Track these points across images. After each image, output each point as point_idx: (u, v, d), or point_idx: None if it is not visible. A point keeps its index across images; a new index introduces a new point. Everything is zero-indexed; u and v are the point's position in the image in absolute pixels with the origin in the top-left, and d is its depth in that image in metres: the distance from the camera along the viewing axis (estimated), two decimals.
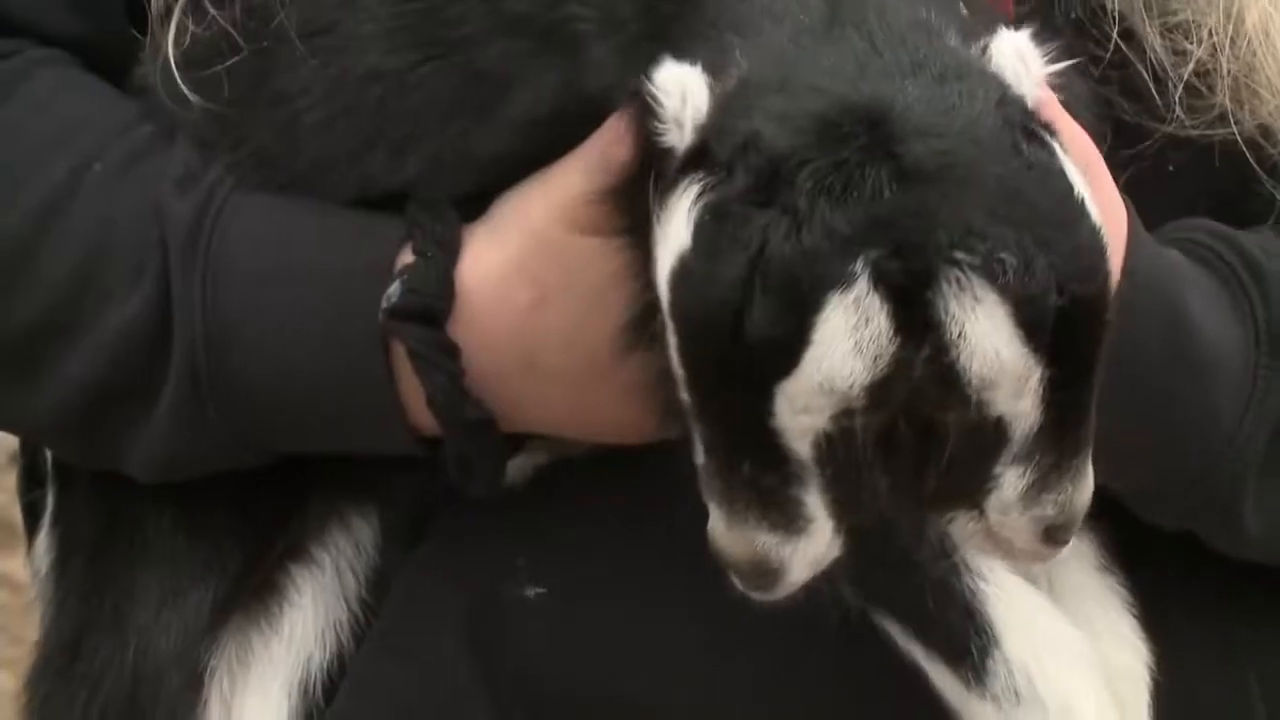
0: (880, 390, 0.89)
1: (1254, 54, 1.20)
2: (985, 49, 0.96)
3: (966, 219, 0.88)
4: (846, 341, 0.88)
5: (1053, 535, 0.96)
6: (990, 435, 0.92)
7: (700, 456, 0.96)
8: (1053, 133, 0.95)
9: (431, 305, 1.10)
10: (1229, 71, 1.20)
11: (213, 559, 1.20)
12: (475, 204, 1.13)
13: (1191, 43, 1.20)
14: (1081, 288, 0.91)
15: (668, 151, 0.95)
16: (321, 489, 1.22)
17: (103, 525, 1.23)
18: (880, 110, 0.91)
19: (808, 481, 0.93)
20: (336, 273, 1.12)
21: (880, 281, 0.88)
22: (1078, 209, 0.93)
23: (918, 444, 0.93)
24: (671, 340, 0.94)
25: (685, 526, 0.99)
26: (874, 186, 0.89)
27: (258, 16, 1.14)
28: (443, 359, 1.11)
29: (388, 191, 1.13)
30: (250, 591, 1.21)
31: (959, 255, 0.88)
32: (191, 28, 1.15)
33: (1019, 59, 0.96)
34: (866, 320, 0.88)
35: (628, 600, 1.18)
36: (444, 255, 1.10)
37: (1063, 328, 0.91)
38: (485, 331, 1.12)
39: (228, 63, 1.15)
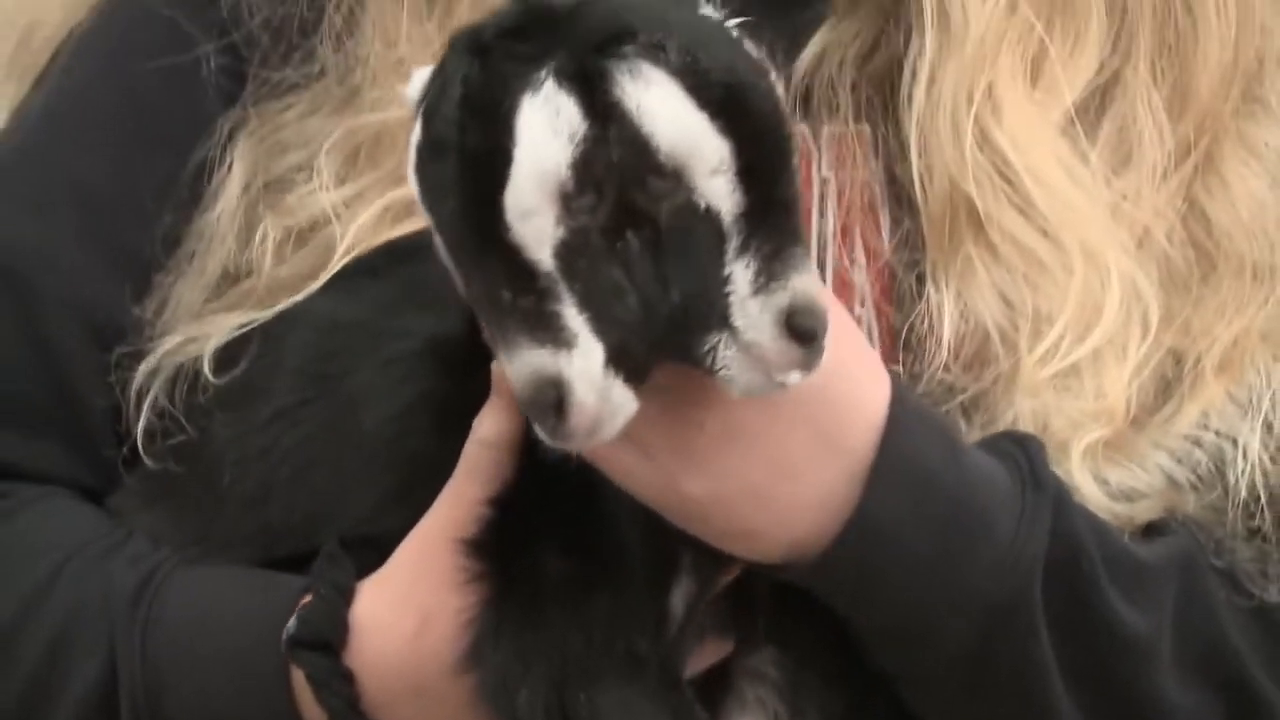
0: (587, 173, 1.00)
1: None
2: None
3: (625, 23, 1.01)
4: (545, 130, 0.99)
5: (798, 330, 1.02)
6: (705, 223, 1.01)
7: (477, 308, 1.05)
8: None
9: (325, 636, 1.19)
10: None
11: None
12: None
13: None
14: (749, 78, 1.02)
15: None
16: None
17: None
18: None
19: (561, 296, 1.01)
20: (248, 619, 1.22)
21: (562, 79, 1.00)
22: (737, 39, 1.05)
23: (647, 248, 1.01)
24: (429, 226, 1.05)
25: None
26: (547, 17, 1.02)
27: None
28: (338, 684, 1.18)
29: (291, 547, 1.24)
30: None
31: (625, 48, 1.01)
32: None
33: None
34: (557, 111, 0.99)
35: None
36: (337, 594, 1.19)
37: (741, 109, 1.02)
38: (375, 661, 1.18)
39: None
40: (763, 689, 1.23)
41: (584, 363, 1.02)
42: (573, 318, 1.02)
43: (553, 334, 1.02)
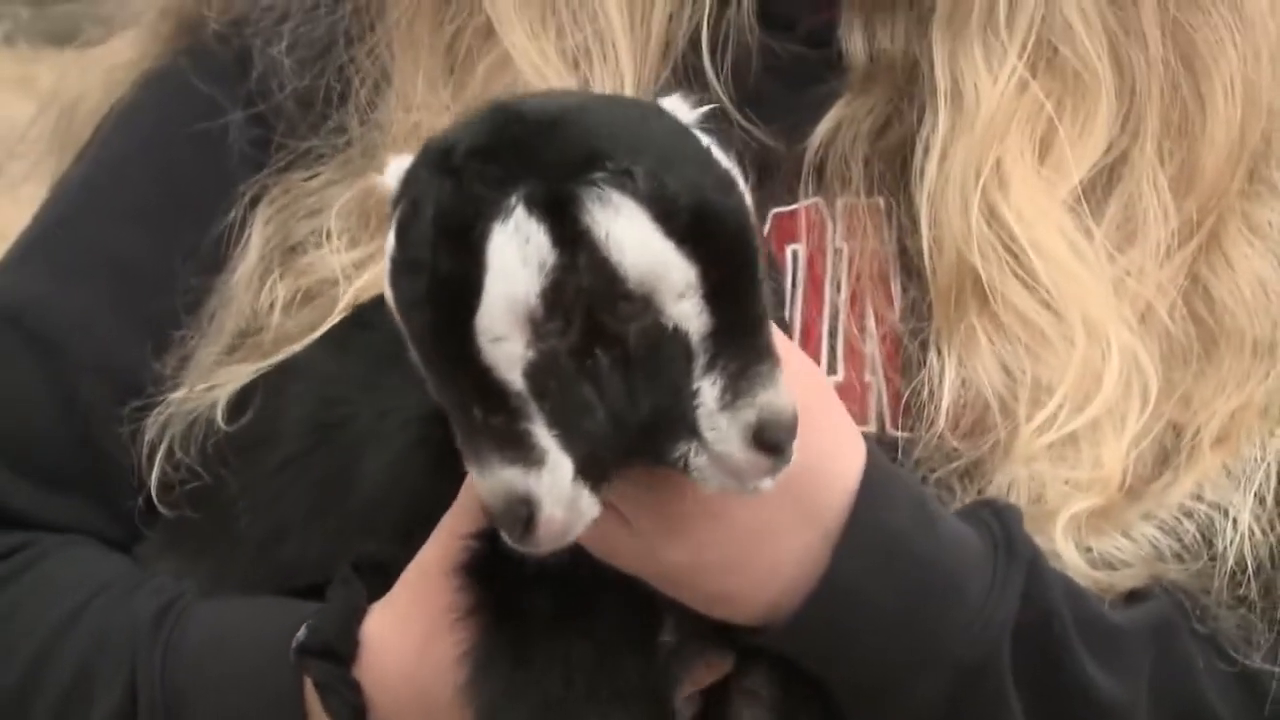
0: (557, 300, 1.03)
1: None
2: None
3: (595, 147, 1.04)
4: (515, 259, 1.02)
5: (765, 441, 1.06)
6: (672, 343, 1.04)
7: (449, 417, 1.08)
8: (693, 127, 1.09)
9: (333, 645, 1.23)
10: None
11: None
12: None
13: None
14: (715, 197, 1.05)
15: None
16: None
17: None
18: (538, 108, 1.07)
19: (532, 415, 1.05)
20: (264, 639, 1.27)
21: (533, 207, 1.03)
22: (706, 152, 1.08)
23: (616, 367, 1.04)
24: (403, 332, 1.08)
25: None
26: (518, 139, 1.04)
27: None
28: (345, 691, 1.23)
29: (307, 580, 1.29)
30: None
31: (594, 175, 1.03)
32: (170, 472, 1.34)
33: (678, 107, 1.12)
34: (527, 239, 1.02)
35: None
36: (348, 610, 1.24)
37: (707, 232, 1.04)
38: (382, 676, 1.24)
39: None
40: (759, 709, 1.26)
41: (553, 479, 1.06)
42: (543, 436, 1.06)
43: (523, 453, 1.06)
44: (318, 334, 1.33)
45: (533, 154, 1.04)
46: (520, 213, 1.03)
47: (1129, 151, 1.40)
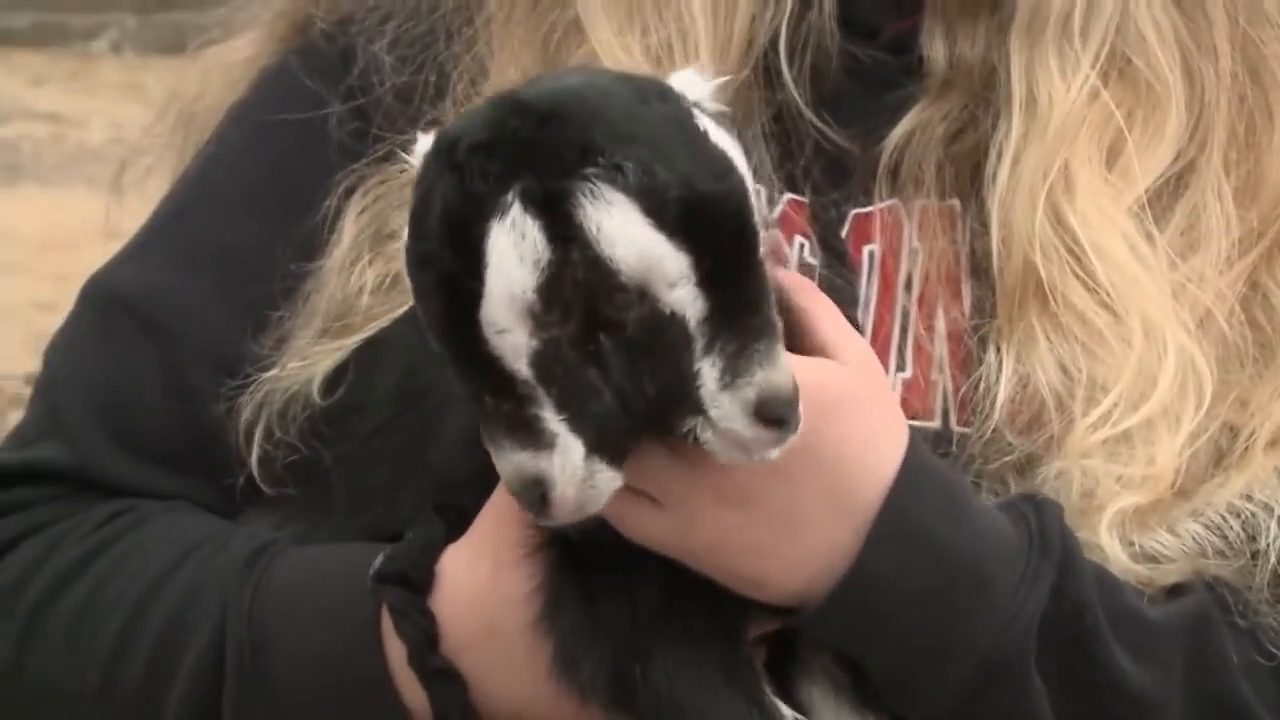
0: (555, 293, 1.08)
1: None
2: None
3: (590, 140, 1.08)
4: (512, 256, 1.07)
5: (767, 415, 1.11)
6: (670, 329, 1.09)
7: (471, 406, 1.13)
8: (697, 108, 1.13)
9: (408, 573, 1.29)
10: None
11: None
12: None
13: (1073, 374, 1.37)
14: (706, 185, 1.08)
15: None
16: None
17: None
18: (536, 99, 1.11)
19: (540, 401, 1.10)
20: (348, 577, 1.32)
21: (528, 203, 1.07)
22: (701, 136, 1.11)
23: (619, 352, 1.09)
24: (421, 319, 1.13)
25: None
26: (517, 133, 1.09)
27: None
28: (417, 616, 1.28)
29: (393, 533, 1.35)
30: None
31: (587, 170, 1.07)
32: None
33: (690, 85, 1.16)
34: (523, 236, 1.07)
35: None
36: (426, 543, 1.29)
37: (698, 221, 1.08)
38: (454, 604, 1.29)
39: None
40: (827, 659, 1.30)
41: (563, 459, 1.12)
42: (551, 419, 1.12)
43: (534, 436, 1.12)
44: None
45: (530, 149, 1.09)
46: (517, 210, 1.08)
47: (1196, 161, 1.44)
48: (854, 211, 1.44)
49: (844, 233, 1.44)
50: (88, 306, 1.48)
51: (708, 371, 1.11)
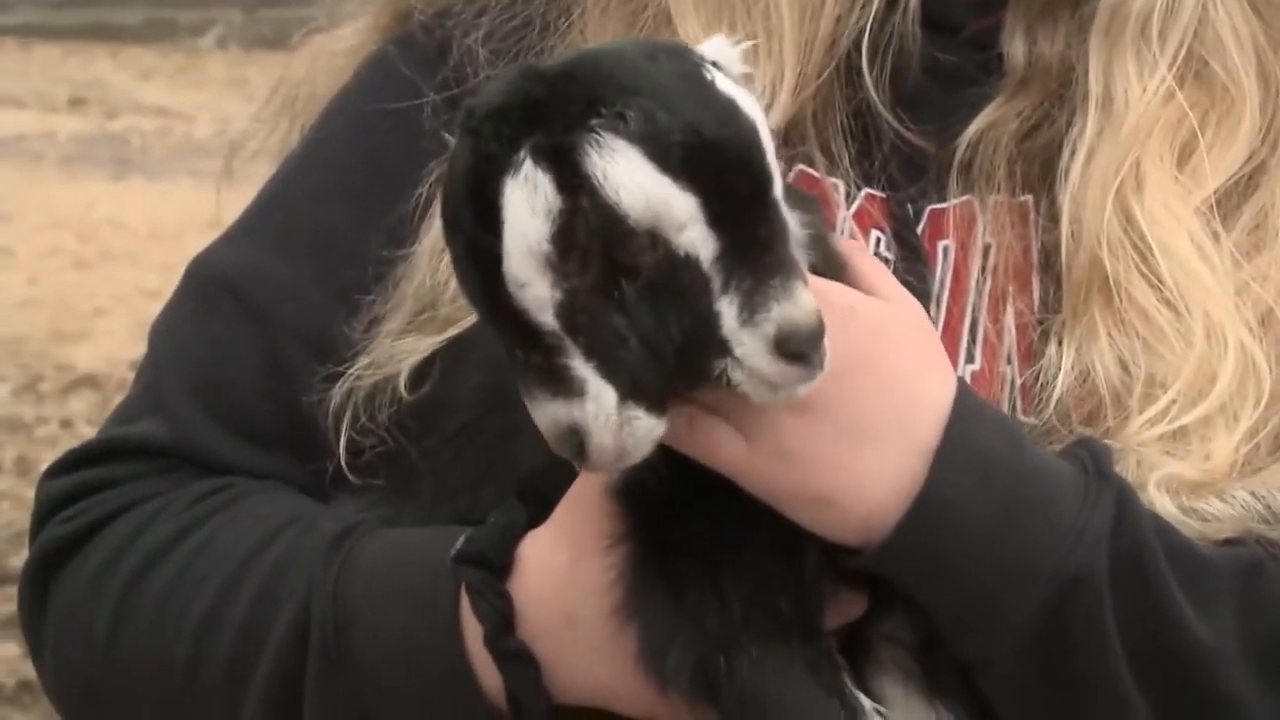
0: (570, 242, 1.10)
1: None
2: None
3: (596, 95, 1.11)
4: (526, 209, 1.10)
5: (789, 350, 1.13)
6: (685, 270, 1.11)
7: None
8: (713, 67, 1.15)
9: (487, 555, 1.30)
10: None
11: None
12: None
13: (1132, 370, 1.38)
14: (710, 129, 1.11)
15: None
16: None
17: None
18: (551, 65, 1.15)
19: (568, 350, 1.13)
20: (432, 559, 1.34)
21: (539, 158, 1.10)
22: (707, 86, 1.13)
23: (640, 297, 1.12)
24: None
25: None
26: (528, 95, 1.12)
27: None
28: (494, 598, 1.30)
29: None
30: None
31: (592, 122, 1.10)
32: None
33: (719, 50, 1.18)
34: (535, 188, 1.10)
35: None
36: (507, 527, 1.31)
37: (703, 164, 1.10)
38: (532, 589, 1.30)
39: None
40: (898, 651, 1.30)
41: (596, 407, 1.13)
42: (581, 368, 1.13)
43: (564, 385, 1.13)
44: None
45: (540, 108, 1.12)
46: (528, 165, 1.11)
47: (1267, 162, 1.45)
48: (930, 207, 1.45)
49: (920, 228, 1.45)
50: (190, 286, 1.50)
51: (726, 309, 1.13)
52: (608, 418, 1.13)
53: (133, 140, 12.01)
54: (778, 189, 1.15)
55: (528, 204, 1.11)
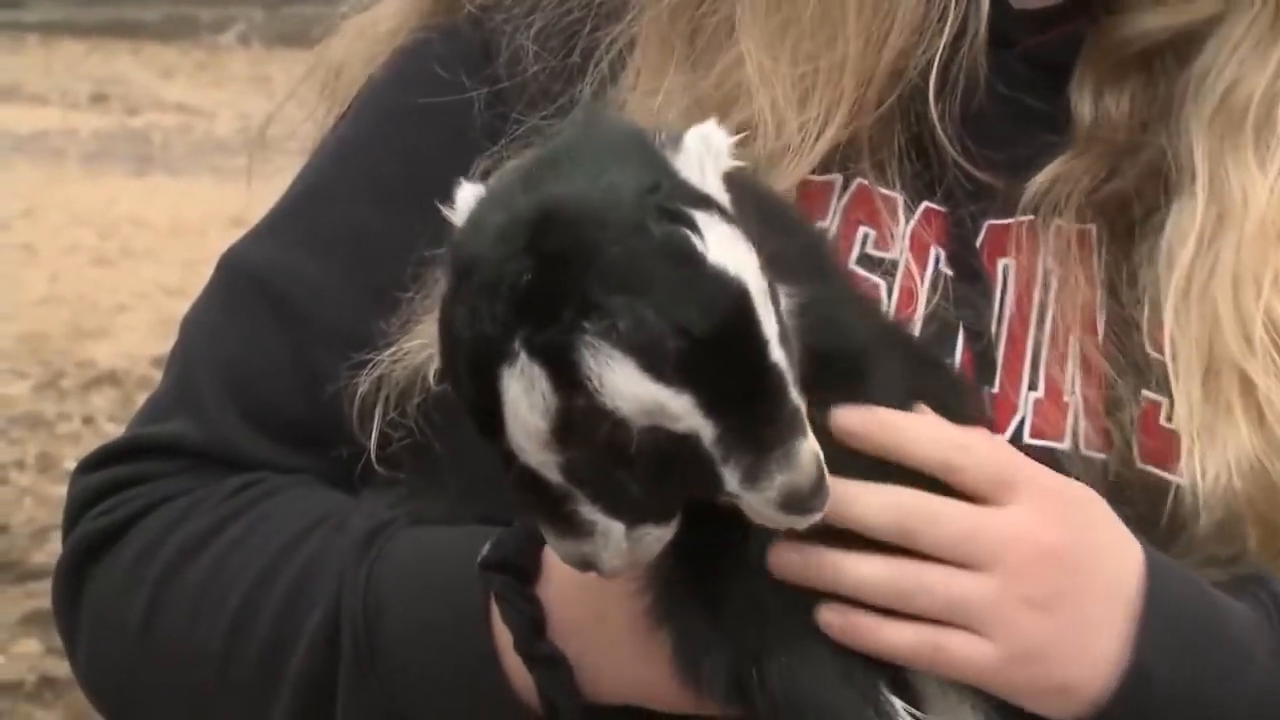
0: (569, 432, 1.11)
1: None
2: (677, 141, 1.17)
3: (586, 294, 1.10)
4: (523, 403, 1.10)
5: (790, 509, 1.14)
6: (685, 448, 1.12)
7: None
8: (700, 205, 1.14)
9: (513, 559, 1.30)
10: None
11: None
12: None
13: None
14: (702, 328, 1.10)
15: None
16: None
17: None
18: (541, 212, 1.13)
19: (575, 498, 1.14)
20: (462, 559, 1.33)
21: (533, 353, 1.10)
22: (692, 268, 1.12)
23: (642, 464, 1.12)
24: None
25: None
26: (519, 275, 1.11)
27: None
28: (522, 603, 1.29)
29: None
30: None
31: (585, 324, 1.09)
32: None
33: (705, 148, 1.16)
34: (532, 384, 1.10)
35: None
36: (531, 529, 1.28)
37: (696, 365, 1.10)
38: (561, 589, 1.28)
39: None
40: None
41: (605, 540, 1.15)
42: (589, 511, 1.14)
43: (574, 529, 1.15)
44: None
45: (532, 297, 1.11)
46: (524, 359, 1.10)
47: None
48: (989, 222, 1.43)
49: (978, 242, 1.43)
50: (222, 280, 1.49)
51: (729, 476, 1.14)
52: (617, 549, 1.15)
53: (154, 137, 12.05)
54: (774, 351, 1.13)
55: (525, 398, 1.11)
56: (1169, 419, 1.39)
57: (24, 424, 6.38)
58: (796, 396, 1.14)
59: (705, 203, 1.14)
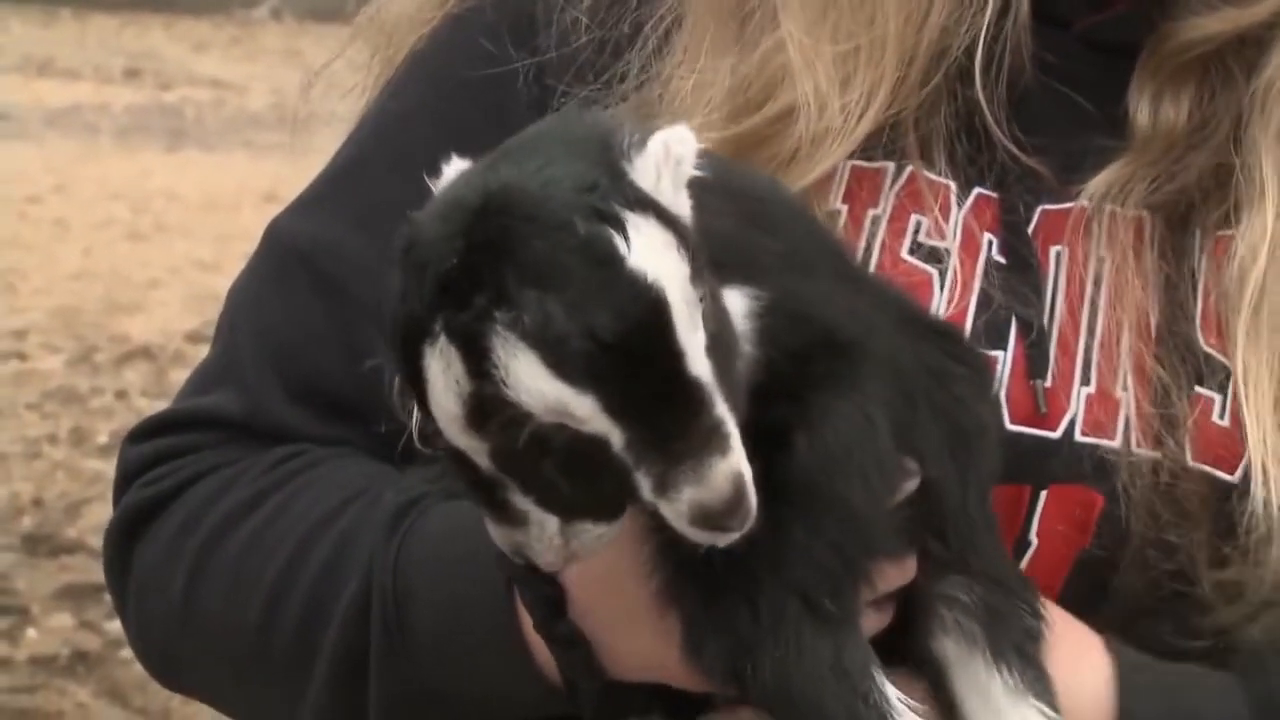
0: (484, 418, 1.11)
1: None
2: (641, 143, 1.15)
3: (502, 284, 1.10)
4: (442, 382, 1.11)
5: (702, 525, 1.13)
6: (596, 449, 1.11)
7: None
8: (638, 208, 1.12)
9: None
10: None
11: None
12: None
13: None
14: (609, 332, 1.09)
15: None
16: None
17: None
18: (484, 198, 1.13)
19: (508, 487, 1.14)
20: (483, 534, 1.31)
21: (452, 335, 1.10)
22: (610, 271, 1.11)
23: (562, 459, 1.12)
24: None
25: None
26: (447, 258, 1.12)
27: None
28: (540, 585, 1.30)
29: None
30: None
31: (495, 314, 1.09)
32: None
33: (664, 154, 1.14)
34: (448, 365, 1.10)
35: None
36: None
37: (600, 368, 1.09)
38: (581, 567, 1.26)
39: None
40: (958, 611, 1.30)
41: (539, 531, 1.15)
42: (520, 501, 1.14)
43: (507, 517, 1.15)
44: None
45: (454, 280, 1.12)
46: (443, 340, 1.11)
47: None
48: (1042, 207, 1.42)
49: (1031, 228, 1.42)
50: (268, 252, 1.50)
51: (642, 482, 1.13)
52: (551, 542, 1.15)
53: (187, 112, 12.08)
54: (692, 364, 1.12)
55: (443, 378, 1.12)
56: (1221, 415, 1.38)
57: (58, 398, 6.40)
58: (721, 411, 1.12)
59: (644, 206, 1.12)
